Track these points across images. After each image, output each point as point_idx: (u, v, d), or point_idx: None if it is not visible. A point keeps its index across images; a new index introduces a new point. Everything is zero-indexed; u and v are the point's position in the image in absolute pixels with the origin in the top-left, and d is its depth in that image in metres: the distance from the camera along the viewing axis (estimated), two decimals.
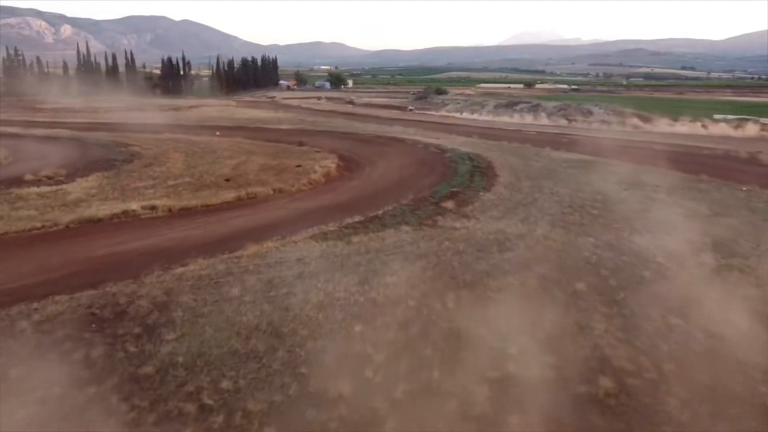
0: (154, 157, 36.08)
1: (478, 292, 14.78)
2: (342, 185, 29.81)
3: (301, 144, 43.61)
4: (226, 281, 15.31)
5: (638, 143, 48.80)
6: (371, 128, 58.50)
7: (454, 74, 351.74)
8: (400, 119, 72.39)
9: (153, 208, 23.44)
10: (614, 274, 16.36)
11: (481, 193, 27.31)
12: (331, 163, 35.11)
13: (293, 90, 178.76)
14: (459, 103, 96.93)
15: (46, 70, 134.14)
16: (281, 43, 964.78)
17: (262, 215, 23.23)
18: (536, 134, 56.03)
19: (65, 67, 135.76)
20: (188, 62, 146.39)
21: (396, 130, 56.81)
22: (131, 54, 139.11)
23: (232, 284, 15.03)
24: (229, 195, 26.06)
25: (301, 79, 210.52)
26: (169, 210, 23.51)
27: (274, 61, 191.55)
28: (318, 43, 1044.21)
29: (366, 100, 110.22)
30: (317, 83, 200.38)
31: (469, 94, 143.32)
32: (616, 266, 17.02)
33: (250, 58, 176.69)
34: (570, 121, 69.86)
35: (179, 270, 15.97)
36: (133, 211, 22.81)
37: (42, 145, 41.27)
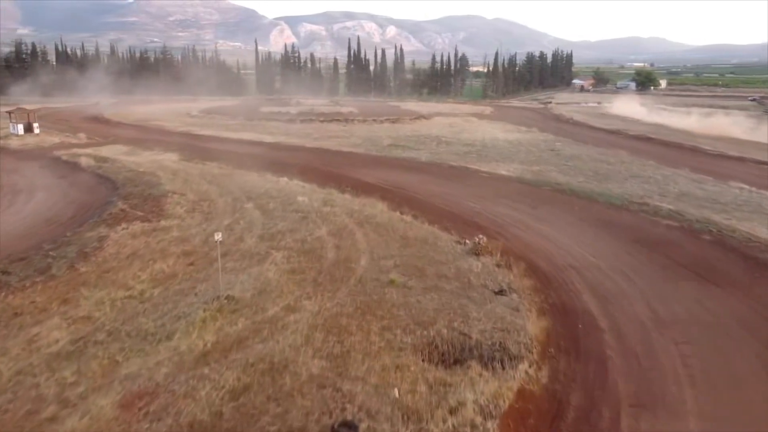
0: (100, 272, 15.23)
1: None
2: None
3: (478, 252, 18.04)
4: None
5: None
6: (681, 188, 28.91)
7: None
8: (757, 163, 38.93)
9: None
10: None
11: None
12: (501, 395, 9.50)
13: (587, 91, 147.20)
14: None
15: (318, 66, 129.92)
16: (592, 39, 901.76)
17: None
18: None
19: (335, 64, 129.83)
20: (460, 58, 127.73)
21: (744, 200, 26.34)
22: (401, 50, 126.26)
23: None
24: None
25: (601, 78, 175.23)
26: None
27: (569, 56, 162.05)
28: (634, 39, 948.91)
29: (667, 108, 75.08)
30: (619, 84, 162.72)
31: None
32: None
33: (537, 53, 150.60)
34: None
35: None
36: None
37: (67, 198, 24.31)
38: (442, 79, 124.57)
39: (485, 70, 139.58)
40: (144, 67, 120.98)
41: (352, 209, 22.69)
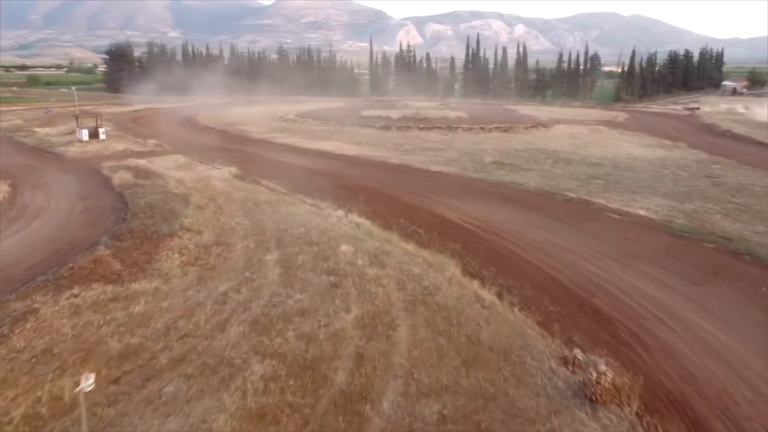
0: None
1: None
2: None
3: (596, 396, 10.22)
4: None
5: None
6: None
7: None
8: None
9: None
10: None
11: None
12: None
13: (740, 94, 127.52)
14: None
15: (434, 66, 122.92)
16: (743, 36, 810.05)
17: None
18: None
19: (452, 64, 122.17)
20: (592, 57, 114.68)
21: None
22: (524, 48, 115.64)
23: None
24: None
25: (757, 80, 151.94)
26: None
27: (718, 55, 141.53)
28: None
29: None
30: None
31: None
32: None
33: (682, 51, 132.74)
34: None
35: None
36: None
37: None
38: (568, 79, 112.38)
39: (619, 71, 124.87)
40: (260, 68, 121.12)
41: (408, 273, 15.61)
